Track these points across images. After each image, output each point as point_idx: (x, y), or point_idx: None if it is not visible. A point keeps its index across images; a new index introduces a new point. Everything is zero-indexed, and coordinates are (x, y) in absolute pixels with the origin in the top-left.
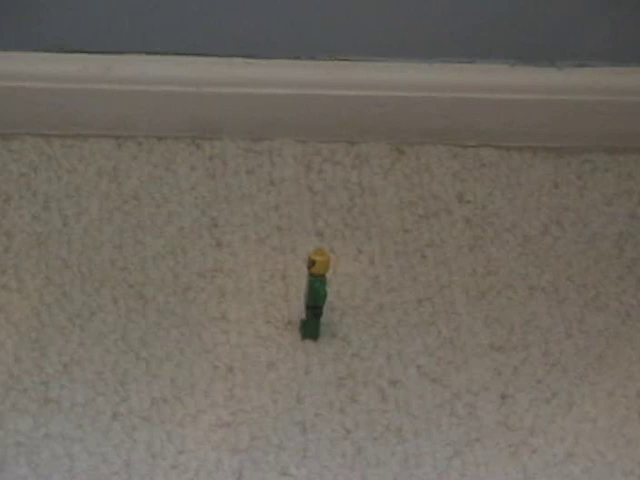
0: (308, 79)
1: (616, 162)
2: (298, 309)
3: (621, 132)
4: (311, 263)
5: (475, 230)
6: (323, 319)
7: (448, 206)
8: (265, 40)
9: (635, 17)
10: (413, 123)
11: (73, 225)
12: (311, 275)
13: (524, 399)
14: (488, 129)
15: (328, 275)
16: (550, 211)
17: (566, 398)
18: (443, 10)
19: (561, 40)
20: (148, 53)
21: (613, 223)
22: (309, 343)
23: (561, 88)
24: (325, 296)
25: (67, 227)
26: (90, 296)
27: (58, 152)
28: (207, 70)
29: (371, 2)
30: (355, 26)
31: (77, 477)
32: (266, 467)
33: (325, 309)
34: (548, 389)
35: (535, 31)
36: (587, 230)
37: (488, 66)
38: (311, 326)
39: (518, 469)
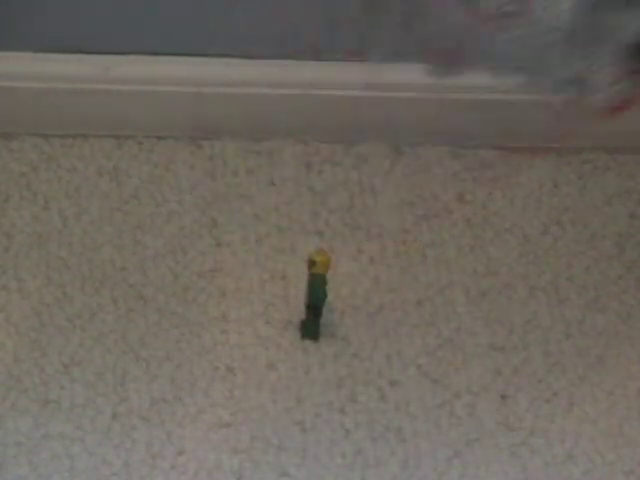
0: (308, 80)
1: (616, 162)
2: (298, 309)
3: (621, 132)
4: (311, 263)
5: (475, 230)
6: (323, 319)
7: (448, 206)
8: (265, 40)
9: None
10: (413, 123)
11: (73, 225)
12: (311, 275)
13: (524, 399)
14: (488, 129)
15: (328, 275)
16: (550, 211)
17: (566, 398)
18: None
19: None
20: (148, 53)
21: (613, 223)
22: (309, 343)
23: None
24: (325, 296)
25: (67, 227)
26: (90, 296)
27: (58, 152)
28: (207, 70)
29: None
30: (355, 27)
31: (77, 477)
32: (266, 467)
33: (325, 309)
34: (548, 389)
35: None
36: (587, 230)
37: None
38: (311, 326)
39: (518, 470)
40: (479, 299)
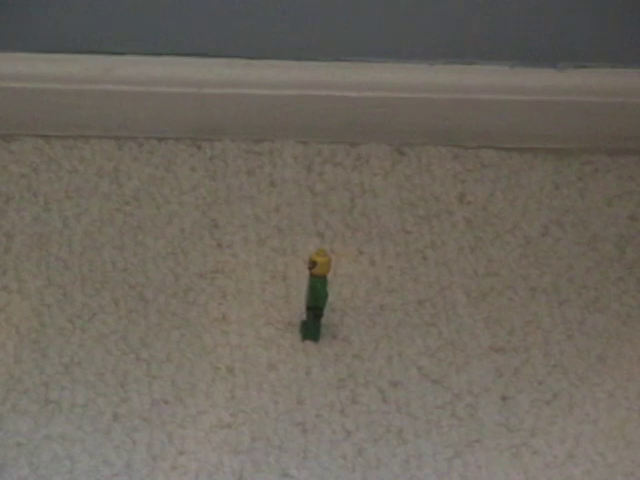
0: (309, 80)
1: (616, 163)
2: (299, 310)
3: (621, 133)
4: (312, 264)
5: (476, 231)
6: (324, 320)
7: (449, 207)
8: (266, 41)
9: (635, 18)
10: (414, 124)
11: (73, 226)
12: (312, 276)
13: (525, 400)
14: (489, 130)
15: (329, 276)
16: (551, 212)
17: (567, 399)
18: (444, 12)
19: (561, 41)
20: (149, 54)
21: (614, 224)
22: (310, 344)
23: (561, 89)
24: (326, 297)
25: (67, 228)
26: (91, 297)
27: (59, 153)
28: (208, 71)
29: (372, 3)
30: (356, 27)
31: (77, 478)
32: (267, 468)
33: (326, 310)
34: (549, 390)
35: (535, 32)
36: (587, 231)
37: (488, 67)
38: (312, 327)
39: (519, 470)
40: (480, 300)
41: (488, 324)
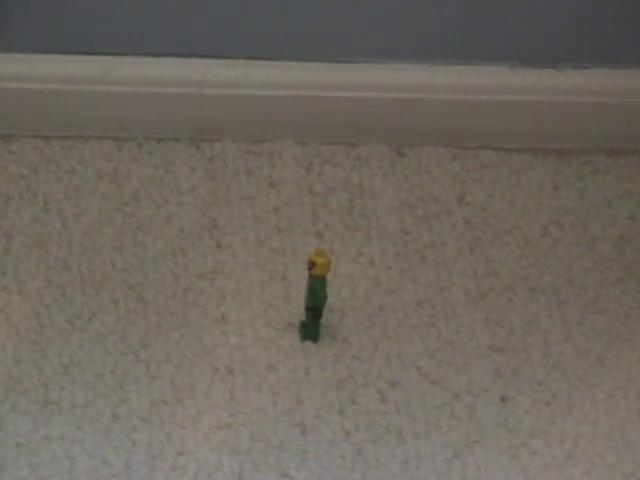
0: (308, 81)
1: (616, 164)
2: (298, 311)
3: (621, 134)
4: (311, 265)
5: (475, 232)
6: (323, 321)
7: (448, 208)
8: (266, 42)
9: (635, 19)
10: (413, 125)
11: (73, 226)
12: (311, 277)
13: (524, 401)
14: (488, 131)
15: (328, 277)
16: (550, 213)
17: (566, 400)
18: (443, 12)
19: (561, 42)
20: (149, 55)
21: (613, 225)
22: (309, 345)
23: (561, 90)
24: (325, 298)
25: (67, 228)
26: (90, 297)
27: (58, 153)
28: (207, 72)
29: (371, 4)
30: (355, 28)
31: (77, 479)
32: (266, 469)
33: (325, 311)
34: (548, 391)
35: (535, 33)
36: (587, 232)
37: (488, 68)
38: (311, 328)
39: (518, 471)
40: (479, 300)
41: (487, 324)
